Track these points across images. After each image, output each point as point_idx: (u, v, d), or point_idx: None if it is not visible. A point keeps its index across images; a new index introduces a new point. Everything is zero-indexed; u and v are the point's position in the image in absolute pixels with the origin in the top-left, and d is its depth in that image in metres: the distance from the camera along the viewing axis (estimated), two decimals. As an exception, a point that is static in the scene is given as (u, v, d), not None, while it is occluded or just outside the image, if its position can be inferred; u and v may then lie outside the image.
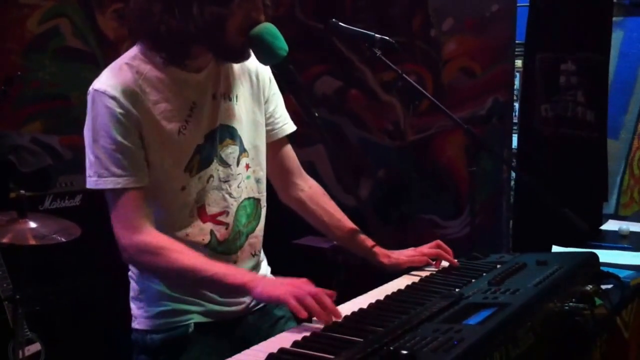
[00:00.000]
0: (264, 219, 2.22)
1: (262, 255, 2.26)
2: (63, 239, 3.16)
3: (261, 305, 2.16)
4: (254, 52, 1.95)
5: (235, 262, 2.08)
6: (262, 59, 1.97)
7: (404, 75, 2.47)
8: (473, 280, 2.06)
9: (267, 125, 2.22)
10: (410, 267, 2.32)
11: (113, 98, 1.87)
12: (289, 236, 4.85)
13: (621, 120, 5.01)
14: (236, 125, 2.09)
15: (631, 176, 5.05)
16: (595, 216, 3.95)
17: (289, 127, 2.29)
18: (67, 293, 3.70)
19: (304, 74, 5.17)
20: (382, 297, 1.95)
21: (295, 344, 1.60)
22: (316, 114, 2.01)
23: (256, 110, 2.17)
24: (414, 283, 2.12)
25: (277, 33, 1.92)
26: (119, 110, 1.87)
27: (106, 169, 1.88)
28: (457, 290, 1.94)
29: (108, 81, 1.90)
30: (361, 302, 1.91)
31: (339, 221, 2.33)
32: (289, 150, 2.32)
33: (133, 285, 2.11)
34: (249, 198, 2.13)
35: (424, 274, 2.25)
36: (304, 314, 1.74)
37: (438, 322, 1.63)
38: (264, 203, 2.20)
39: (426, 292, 1.98)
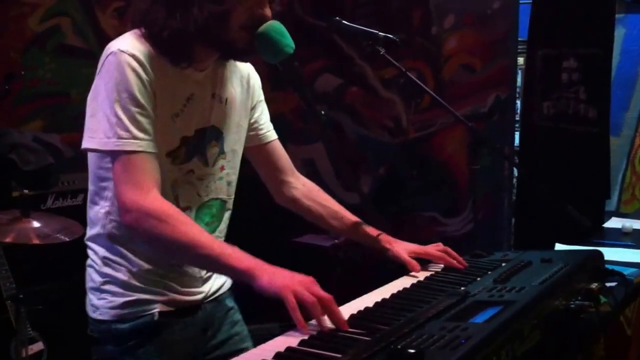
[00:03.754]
0: (227, 222, 2.20)
1: None
2: (66, 238, 3.16)
3: (216, 295, 2.18)
4: (260, 49, 1.93)
5: None
6: (269, 57, 1.95)
7: (408, 73, 2.47)
8: (478, 279, 2.06)
9: (251, 130, 2.24)
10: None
11: (141, 63, 1.85)
12: (289, 234, 4.85)
13: (623, 117, 5.00)
14: (222, 127, 2.10)
15: (633, 173, 5.04)
16: (597, 213, 3.94)
17: (273, 134, 2.30)
18: (69, 292, 3.68)
19: (304, 71, 5.16)
20: (387, 296, 1.95)
21: (302, 342, 1.59)
22: (322, 112, 2.02)
23: (242, 115, 2.18)
24: (419, 281, 2.12)
25: (284, 30, 1.91)
26: (145, 76, 1.85)
27: (127, 130, 1.83)
28: (462, 288, 1.93)
29: (134, 46, 1.87)
30: (367, 300, 1.91)
31: (337, 213, 2.32)
32: (279, 149, 2.32)
33: (93, 276, 2.07)
34: (216, 198, 2.13)
35: (428, 272, 2.25)
36: (299, 317, 1.66)
37: (444, 320, 1.63)
38: (229, 206, 2.19)
39: (432, 291, 1.97)
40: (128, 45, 1.87)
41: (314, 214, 2.33)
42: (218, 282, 2.18)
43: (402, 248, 2.31)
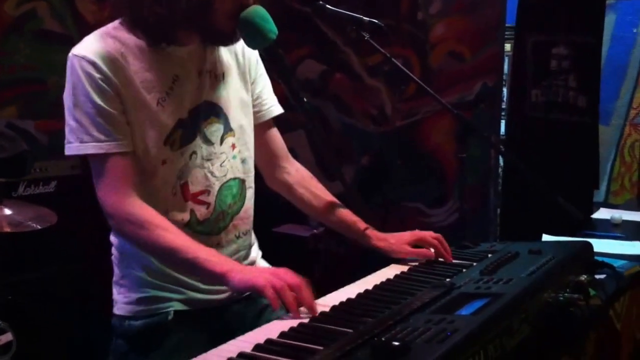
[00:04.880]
0: (252, 200, 2.18)
1: (253, 238, 2.23)
2: (38, 226, 3.11)
3: (247, 293, 2.11)
4: (243, 35, 1.93)
5: (218, 244, 2.05)
6: (252, 43, 1.94)
7: (393, 59, 2.42)
8: (464, 270, 2.01)
9: (254, 106, 2.20)
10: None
11: (92, 63, 1.86)
12: (268, 224, 4.80)
13: (612, 106, 4.97)
14: (222, 103, 2.07)
15: (622, 163, 5.02)
16: (586, 204, 3.92)
17: (276, 109, 2.26)
18: (40, 282, 3.63)
19: (287, 57, 5.11)
20: (370, 287, 1.89)
21: (283, 334, 1.55)
22: (305, 99, 1.96)
23: (242, 90, 2.15)
24: (402, 273, 2.07)
25: (267, 16, 1.89)
26: (98, 75, 1.86)
27: (88, 134, 1.87)
28: (448, 280, 1.88)
29: (88, 47, 1.89)
30: (349, 292, 1.85)
31: (329, 204, 2.27)
32: (275, 133, 2.29)
33: (115, 270, 2.09)
34: (234, 178, 2.10)
35: (412, 263, 2.19)
36: (278, 305, 1.69)
37: (430, 312, 1.58)
38: (250, 184, 2.17)
39: (416, 282, 1.92)
40: (81, 48, 1.90)
41: (305, 202, 2.29)
42: None
43: (399, 241, 2.23)
